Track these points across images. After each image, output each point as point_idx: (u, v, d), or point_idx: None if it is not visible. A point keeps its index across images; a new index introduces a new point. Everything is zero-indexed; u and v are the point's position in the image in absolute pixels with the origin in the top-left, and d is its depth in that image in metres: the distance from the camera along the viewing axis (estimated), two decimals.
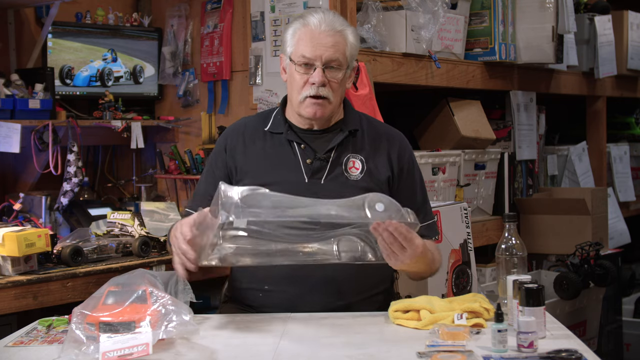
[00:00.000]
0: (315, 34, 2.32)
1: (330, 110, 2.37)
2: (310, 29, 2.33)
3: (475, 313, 2.08)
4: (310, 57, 2.32)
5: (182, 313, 1.93)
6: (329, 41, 2.32)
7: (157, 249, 2.93)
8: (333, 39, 2.33)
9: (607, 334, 4.38)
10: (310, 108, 2.35)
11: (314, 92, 2.33)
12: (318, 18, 2.34)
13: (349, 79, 2.43)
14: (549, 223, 4.26)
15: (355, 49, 2.39)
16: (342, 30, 2.35)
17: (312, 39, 2.32)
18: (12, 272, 2.53)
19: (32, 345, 2.02)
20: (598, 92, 5.14)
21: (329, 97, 2.34)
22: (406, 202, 2.40)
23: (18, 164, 3.48)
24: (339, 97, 2.39)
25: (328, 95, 2.34)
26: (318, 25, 2.33)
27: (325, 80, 2.33)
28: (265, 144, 2.43)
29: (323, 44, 2.32)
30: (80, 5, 3.72)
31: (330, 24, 2.33)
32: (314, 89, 2.33)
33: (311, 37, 2.32)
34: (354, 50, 2.38)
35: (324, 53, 2.31)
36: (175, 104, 3.89)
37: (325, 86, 2.33)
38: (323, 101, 2.34)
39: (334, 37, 2.33)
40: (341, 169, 2.39)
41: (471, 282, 3.25)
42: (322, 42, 2.32)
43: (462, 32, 3.93)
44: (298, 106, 2.38)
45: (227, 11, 3.64)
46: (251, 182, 2.38)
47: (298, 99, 2.36)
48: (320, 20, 2.33)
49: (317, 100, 2.34)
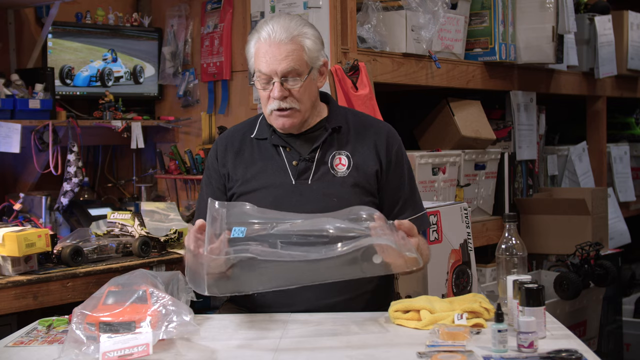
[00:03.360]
0: (267, 48, 2.31)
1: (300, 117, 2.37)
2: (262, 43, 2.32)
3: (475, 313, 2.08)
4: (266, 72, 2.32)
5: (183, 313, 1.93)
6: (282, 52, 2.30)
7: (157, 249, 2.93)
8: (286, 49, 2.30)
9: (607, 334, 4.38)
10: (278, 121, 2.36)
11: (277, 106, 2.34)
12: (269, 29, 2.31)
13: (320, 76, 2.42)
14: (549, 223, 4.26)
15: (315, 50, 2.36)
16: (296, 35, 2.32)
17: (265, 54, 2.31)
18: (12, 272, 2.53)
19: (32, 345, 2.02)
20: (598, 92, 5.14)
21: (293, 107, 2.34)
22: (394, 194, 2.42)
23: (18, 164, 3.48)
24: (307, 102, 2.37)
25: (292, 105, 2.34)
26: (268, 37, 2.31)
27: (286, 92, 2.32)
28: (252, 151, 2.45)
29: (276, 58, 2.30)
30: (80, 5, 3.72)
31: (283, 32, 2.30)
32: (276, 104, 2.33)
33: (265, 52, 2.31)
34: (313, 52, 2.35)
35: (277, 67, 2.30)
36: (175, 104, 3.89)
37: (287, 98, 2.33)
38: (289, 112, 2.34)
39: (287, 45, 2.30)
40: (327, 167, 2.39)
41: (471, 282, 3.25)
42: (275, 56, 2.30)
43: (462, 32, 3.93)
44: (269, 119, 2.40)
45: (227, 11, 3.64)
46: (241, 189, 2.40)
47: (267, 112, 2.38)
48: (270, 32, 2.31)
49: (283, 112, 2.34)
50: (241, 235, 2.03)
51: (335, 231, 2.02)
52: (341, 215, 2.10)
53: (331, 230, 2.02)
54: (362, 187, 2.38)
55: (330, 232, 2.02)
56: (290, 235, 2.03)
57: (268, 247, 2.00)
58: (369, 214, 2.08)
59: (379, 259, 1.99)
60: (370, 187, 2.39)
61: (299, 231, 2.03)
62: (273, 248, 2.00)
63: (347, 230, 2.02)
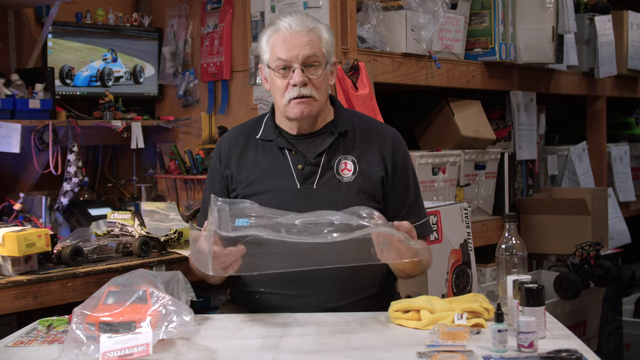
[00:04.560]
0: (288, 37, 2.33)
1: (317, 107, 2.37)
2: (282, 33, 2.34)
3: (475, 313, 2.08)
4: (286, 59, 2.33)
5: (183, 313, 1.92)
6: (303, 40, 2.33)
7: (157, 249, 2.93)
8: (307, 38, 2.33)
9: (607, 334, 4.38)
10: (296, 108, 2.35)
11: (297, 93, 2.33)
12: (288, 21, 2.35)
13: (331, 75, 2.43)
14: (549, 223, 4.26)
15: (330, 44, 2.39)
16: (314, 27, 2.36)
17: (285, 42, 2.33)
18: (12, 272, 2.53)
19: (32, 345, 2.02)
20: (598, 92, 5.14)
21: (313, 95, 2.34)
22: (399, 199, 2.41)
23: (18, 164, 3.48)
24: (323, 94, 2.38)
25: (312, 93, 2.34)
26: (289, 27, 2.33)
27: (306, 79, 2.33)
28: (257, 152, 2.44)
29: (297, 44, 2.32)
30: (80, 5, 3.72)
31: (301, 24, 2.34)
32: (296, 91, 2.33)
33: (284, 40, 2.33)
34: (329, 46, 2.39)
35: (299, 52, 2.32)
36: (175, 104, 3.89)
37: (307, 85, 2.33)
38: (308, 99, 2.34)
39: (307, 35, 2.33)
40: (333, 172, 2.38)
41: (471, 282, 3.25)
42: (296, 43, 2.32)
43: (462, 32, 3.93)
44: (284, 110, 2.38)
45: (227, 11, 3.64)
46: (245, 191, 2.39)
47: (283, 103, 2.37)
48: (290, 23, 2.34)
49: (302, 99, 2.34)
50: (245, 224, 2.02)
51: (340, 221, 2.02)
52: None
53: (336, 221, 2.02)
54: (367, 193, 2.37)
55: (335, 223, 2.02)
56: (295, 224, 2.02)
57: (273, 231, 1.99)
58: (369, 214, 2.09)
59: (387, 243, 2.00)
60: (375, 193, 2.39)
61: (303, 221, 2.03)
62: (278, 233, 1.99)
63: (351, 220, 2.02)
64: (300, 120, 2.38)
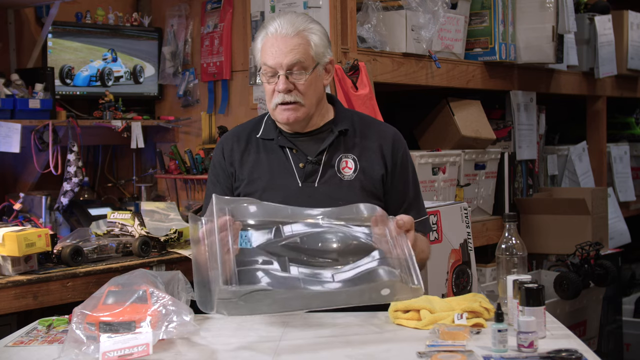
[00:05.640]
0: (274, 42, 2.32)
1: (304, 112, 2.36)
2: (269, 37, 2.34)
3: (475, 313, 2.08)
4: (271, 65, 2.33)
5: (183, 313, 1.92)
6: (288, 45, 2.31)
7: (157, 249, 2.93)
8: (293, 42, 2.31)
9: (607, 334, 4.38)
10: (283, 115, 2.36)
11: (281, 99, 2.34)
12: (276, 24, 2.33)
13: (326, 74, 2.42)
14: (549, 223, 4.26)
15: (321, 46, 2.37)
16: (303, 29, 2.34)
17: (271, 47, 2.32)
18: (12, 272, 2.53)
19: (32, 345, 2.01)
20: (598, 92, 5.14)
21: (298, 101, 2.34)
22: (399, 197, 2.42)
23: (18, 164, 3.48)
24: (312, 97, 2.37)
25: (297, 99, 2.34)
26: (276, 31, 2.33)
27: (291, 85, 2.33)
28: (258, 151, 2.45)
29: (282, 51, 2.31)
30: (80, 5, 3.72)
31: (289, 26, 2.32)
32: (280, 97, 2.33)
33: (271, 45, 2.33)
34: (319, 47, 2.36)
35: (283, 60, 2.31)
36: (175, 104, 3.89)
37: (291, 92, 2.33)
38: (293, 106, 2.34)
39: (293, 39, 2.32)
40: (334, 170, 2.39)
41: (471, 282, 3.26)
42: (281, 49, 2.31)
43: (462, 32, 3.93)
44: (273, 114, 2.40)
45: (227, 11, 3.64)
46: (246, 189, 2.40)
47: (271, 107, 2.38)
48: (277, 27, 2.33)
49: (287, 106, 2.34)
50: (249, 245, 2.02)
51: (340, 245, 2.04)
52: (344, 213, 2.12)
53: (335, 245, 2.04)
54: (368, 190, 2.38)
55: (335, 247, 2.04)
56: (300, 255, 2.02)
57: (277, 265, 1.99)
58: (370, 214, 2.10)
59: (387, 291, 2.00)
60: (376, 190, 2.40)
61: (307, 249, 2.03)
62: (283, 270, 1.99)
63: (352, 239, 2.05)
64: (288, 125, 2.40)
